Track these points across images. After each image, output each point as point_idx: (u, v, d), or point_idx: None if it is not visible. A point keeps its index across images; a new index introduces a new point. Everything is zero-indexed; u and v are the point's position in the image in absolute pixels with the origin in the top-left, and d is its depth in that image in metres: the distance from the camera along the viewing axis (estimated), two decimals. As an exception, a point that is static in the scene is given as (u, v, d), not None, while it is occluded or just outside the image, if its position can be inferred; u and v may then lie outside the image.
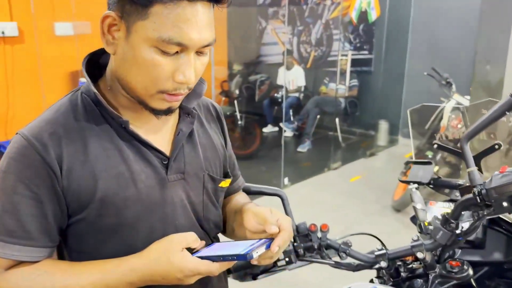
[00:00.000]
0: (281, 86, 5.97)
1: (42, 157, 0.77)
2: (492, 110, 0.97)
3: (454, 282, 1.04)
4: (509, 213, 0.92)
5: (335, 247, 1.14)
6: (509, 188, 0.87)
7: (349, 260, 1.16)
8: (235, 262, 0.81)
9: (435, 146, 1.33)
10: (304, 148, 5.43)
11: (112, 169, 0.80)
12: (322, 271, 1.55)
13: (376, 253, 1.09)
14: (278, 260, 1.13)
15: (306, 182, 4.44)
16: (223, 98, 6.62)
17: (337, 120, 5.55)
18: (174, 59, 0.75)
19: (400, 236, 2.74)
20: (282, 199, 1.17)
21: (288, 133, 5.78)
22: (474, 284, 1.06)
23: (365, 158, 5.25)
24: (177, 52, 0.74)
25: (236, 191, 1.07)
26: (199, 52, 0.77)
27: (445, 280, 1.05)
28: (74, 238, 0.83)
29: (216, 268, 0.77)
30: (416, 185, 1.12)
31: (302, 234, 1.14)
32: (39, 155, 0.77)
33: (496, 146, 1.13)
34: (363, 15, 5.22)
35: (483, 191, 0.91)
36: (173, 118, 0.90)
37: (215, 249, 0.81)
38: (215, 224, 0.94)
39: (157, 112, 0.82)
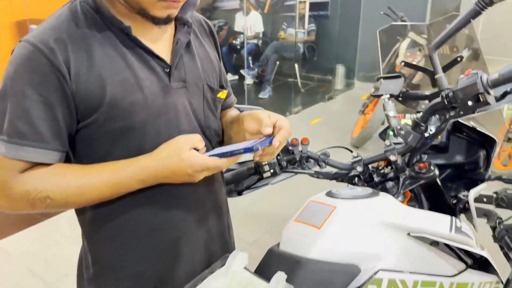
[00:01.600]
0: (241, 33, 5.90)
1: (50, 61, 0.77)
2: (457, 19, 1.05)
3: (422, 181, 1.15)
4: (473, 112, 1.02)
5: (315, 158, 1.22)
6: (473, 88, 0.96)
7: (327, 170, 1.26)
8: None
9: (403, 64, 1.42)
10: (265, 94, 5.48)
11: (118, 74, 0.82)
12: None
13: (353, 160, 1.19)
14: (264, 172, 1.20)
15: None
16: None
17: (296, 65, 5.60)
18: None
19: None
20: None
21: (249, 80, 5.79)
22: (439, 183, 1.18)
23: (324, 102, 5.39)
24: None
25: (230, 106, 1.12)
26: None
27: (414, 181, 1.16)
28: (83, 144, 0.86)
29: (223, 163, 0.82)
30: (388, 96, 1.21)
31: (285, 148, 1.21)
32: (46, 59, 0.77)
33: (459, 59, 1.23)
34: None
35: (450, 94, 1.00)
36: (170, 29, 0.91)
37: (219, 150, 0.86)
38: (216, 132, 0.99)
39: (157, 21, 0.83)
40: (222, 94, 1.00)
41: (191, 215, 0.95)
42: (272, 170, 1.19)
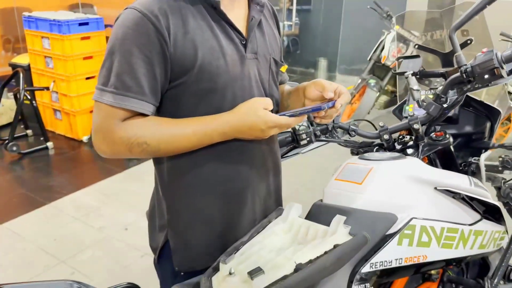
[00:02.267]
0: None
1: (155, 26, 0.89)
2: (475, 5, 1.21)
3: (439, 148, 1.32)
4: (488, 85, 1.19)
5: (345, 128, 1.37)
6: (490, 63, 1.13)
7: (355, 139, 1.41)
8: None
9: (416, 47, 1.58)
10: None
11: (206, 41, 0.94)
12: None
13: (380, 129, 1.34)
14: (301, 140, 1.33)
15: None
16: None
17: (280, 57, 5.75)
18: None
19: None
20: None
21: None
22: (452, 150, 1.35)
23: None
24: None
25: (284, 81, 1.25)
26: None
27: (431, 147, 1.32)
28: (171, 102, 0.97)
29: (292, 121, 0.96)
30: (411, 72, 1.37)
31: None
32: (152, 24, 0.89)
33: (469, 41, 1.40)
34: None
35: (469, 69, 1.16)
36: (245, 8, 1.04)
37: (286, 113, 0.98)
38: (276, 101, 1.12)
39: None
40: (283, 68, 1.14)
41: (255, 170, 1.08)
42: (308, 138, 1.32)
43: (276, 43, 1.13)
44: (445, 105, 1.26)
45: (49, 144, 3.73)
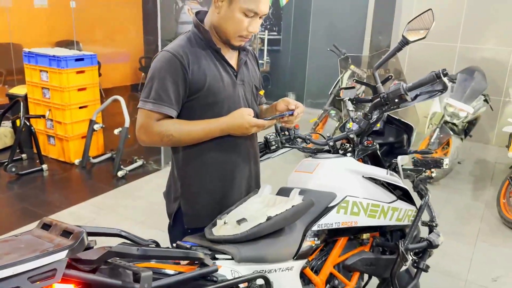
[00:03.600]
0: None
1: (180, 62, 1.42)
2: (389, 51, 1.78)
3: (369, 151, 1.84)
4: (398, 107, 1.73)
5: (303, 137, 1.88)
6: (398, 91, 1.66)
7: (310, 146, 1.92)
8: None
9: (354, 81, 2.14)
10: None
11: (211, 72, 1.47)
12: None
13: (327, 138, 1.86)
14: (272, 146, 1.83)
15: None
16: (143, 74, 7.00)
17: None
18: (250, 19, 1.43)
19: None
20: None
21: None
22: (379, 154, 1.88)
23: (278, 124, 6.13)
24: (252, 16, 1.42)
25: (263, 102, 1.79)
26: (260, 17, 1.46)
27: (364, 151, 1.84)
28: (188, 109, 1.48)
29: (266, 122, 1.49)
30: (348, 98, 1.91)
31: (283, 131, 1.86)
32: (178, 61, 1.42)
33: (389, 77, 1.97)
34: (275, 1, 6.02)
35: (385, 96, 1.71)
36: (236, 53, 1.58)
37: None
38: (256, 112, 1.63)
39: (234, 47, 1.50)
40: (261, 92, 1.68)
41: (241, 157, 1.59)
42: (276, 145, 1.83)
43: (256, 75, 1.67)
44: (371, 121, 1.80)
45: (44, 166, 4.09)
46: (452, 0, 5.34)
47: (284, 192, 1.62)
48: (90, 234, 1.20)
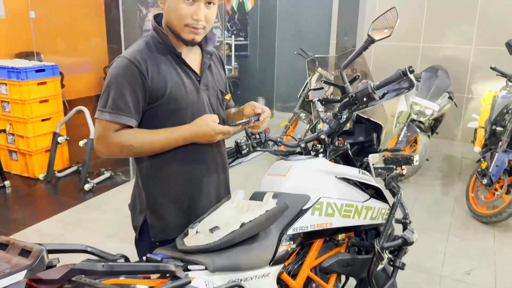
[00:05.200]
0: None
1: (138, 69, 1.35)
2: (355, 51, 1.78)
3: (340, 152, 1.83)
4: (367, 106, 1.73)
5: (274, 140, 1.85)
6: (366, 90, 1.66)
7: (281, 149, 1.89)
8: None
9: (323, 81, 2.14)
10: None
11: (173, 78, 1.41)
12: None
13: (298, 140, 1.84)
14: (243, 150, 1.79)
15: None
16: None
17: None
18: (192, 5, 1.36)
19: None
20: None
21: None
22: (350, 153, 1.87)
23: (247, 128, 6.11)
24: (193, 1, 1.35)
25: (231, 106, 1.74)
26: (207, 3, 1.39)
27: (335, 152, 1.83)
28: (149, 118, 1.41)
29: (232, 128, 1.44)
30: (317, 99, 1.90)
31: (254, 135, 1.82)
32: (136, 67, 1.35)
33: (357, 77, 1.97)
34: (240, 6, 6.02)
35: (354, 95, 1.70)
36: (199, 55, 1.52)
37: (229, 124, 1.45)
38: (222, 118, 1.59)
39: (187, 42, 1.42)
40: (227, 96, 1.63)
41: (208, 164, 1.54)
42: (247, 149, 1.79)
43: (222, 79, 1.61)
44: (341, 121, 1.79)
45: (6, 183, 3.91)
46: (413, 1, 5.47)
47: (257, 196, 1.58)
48: (52, 251, 1.13)
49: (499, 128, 3.52)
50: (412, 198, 3.85)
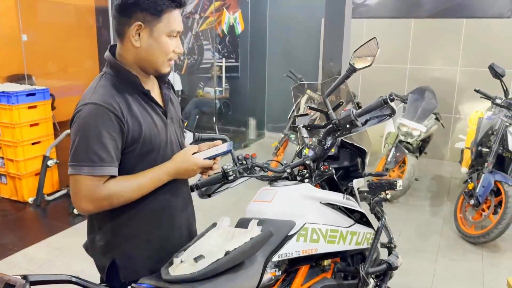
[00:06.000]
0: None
1: (114, 114, 1.30)
2: (338, 79, 1.83)
3: (325, 177, 1.86)
4: (350, 132, 1.77)
5: (261, 166, 1.88)
6: (348, 117, 1.71)
7: (268, 174, 1.92)
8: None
9: (308, 107, 2.18)
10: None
11: (145, 118, 1.38)
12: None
13: (284, 165, 1.87)
14: (229, 176, 1.82)
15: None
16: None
17: (214, 119, 6.34)
18: (174, 40, 1.38)
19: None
20: (226, 142, 1.87)
21: (170, 133, 6.36)
22: (335, 178, 1.90)
23: (241, 149, 6.15)
24: (175, 36, 1.38)
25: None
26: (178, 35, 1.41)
27: (320, 177, 1.86)
28: (125, 162, 1.37)
29: (212, 162, 1.47)
30: (302, 125, 1.94)
31: (241, 161, 1.85)
32: (112, 113, 1.30)
33: (340, 103, 2.02)
34: (231, 29, 6.12)
35: (337, 122, 1.74)
36: (156, 87, 1.51)
37: (206, 153, 1.48)
38: (183, 145, 1.58)
39: (163, 76, 1.44)
40: (185, 123, 1.65)
41: (179, 198, 1.54)
42: (234, 175, 1.81)
43: (179, 107, 1.62)
44: (325, 147, 1.83)
45: (-5, 207, 3.89)
46: (399, 25, 5.60)
47: (243, 223, 1.60)
48: (37, 282, 1.14)
49: (484, 149, 3.58)
50: (402, 218, 3.88)
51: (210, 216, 1.80)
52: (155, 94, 1.48)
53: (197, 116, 6.40)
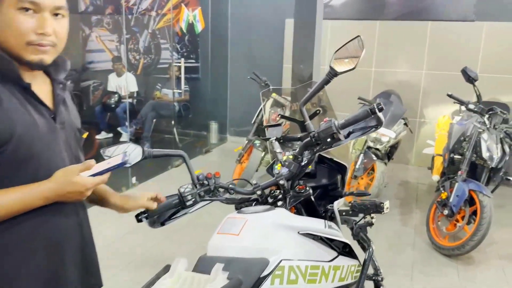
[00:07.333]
0: (115, 92, 6.09)
1: None
2: (316, 85, 1.55)
3: (302, 198, 1.59)
4: (331, 147, 1.50)
5: (225, 187, 1.58)
6: (330, 129, 1.44)
7: (234, 197, 1.62)
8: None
9: (279, 116, 1.90)
10: (144, 150, 5.66)
11: (21, 117, 1.07)
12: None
13: (253, 186, 1.57)
14: (187, 201, 1.50)
15: (153, 180, 4.74)
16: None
17: (173, 122, 5.96)
18: (33, 17, 1.06)
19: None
20: (184, 159, 1.55)
21: (125, 137, 5.92)
22: (313, 199, 1.63)
23: (202, 155, 5.81)
24: (34, 11, 1.05)
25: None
26: (54, 14, 1.10)
27: (296, 199, 1.58)
28: None
29: (105, 178, 1.14)
30: (274, 138, 1.65)
31: (201, 182, 1.54)
32: None
33: (317, 111, 1.74)
34: (190, 27, 5.76)
35: (316, 135, 1.47)
36: (49, 85, 1.21)
37: (97, 168, 1.14)
38: (80, 160, 1.27)
39: (33, 66, 1.11)
40: (84, 135, 1.33)
41: (70, 223, 1.23)
42: (194, 199, 1.50)
43: (77, 115, 1.33)
44: (302, 163, 1.55)
45: None
46: (365, 27, 5.46)
47: (204, 264, 1.29)
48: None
49: (457, 156, 3.45)
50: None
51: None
52: (43, 92, 1.18)
53: (154, 120, 5.99)
